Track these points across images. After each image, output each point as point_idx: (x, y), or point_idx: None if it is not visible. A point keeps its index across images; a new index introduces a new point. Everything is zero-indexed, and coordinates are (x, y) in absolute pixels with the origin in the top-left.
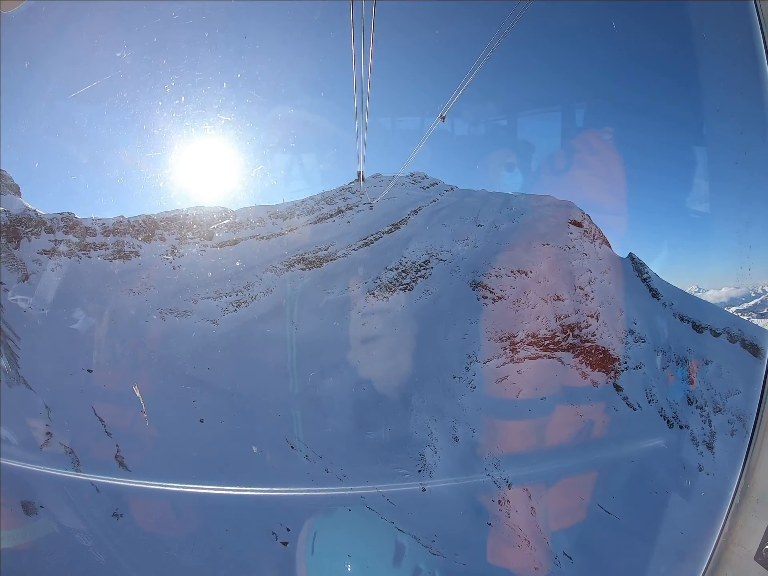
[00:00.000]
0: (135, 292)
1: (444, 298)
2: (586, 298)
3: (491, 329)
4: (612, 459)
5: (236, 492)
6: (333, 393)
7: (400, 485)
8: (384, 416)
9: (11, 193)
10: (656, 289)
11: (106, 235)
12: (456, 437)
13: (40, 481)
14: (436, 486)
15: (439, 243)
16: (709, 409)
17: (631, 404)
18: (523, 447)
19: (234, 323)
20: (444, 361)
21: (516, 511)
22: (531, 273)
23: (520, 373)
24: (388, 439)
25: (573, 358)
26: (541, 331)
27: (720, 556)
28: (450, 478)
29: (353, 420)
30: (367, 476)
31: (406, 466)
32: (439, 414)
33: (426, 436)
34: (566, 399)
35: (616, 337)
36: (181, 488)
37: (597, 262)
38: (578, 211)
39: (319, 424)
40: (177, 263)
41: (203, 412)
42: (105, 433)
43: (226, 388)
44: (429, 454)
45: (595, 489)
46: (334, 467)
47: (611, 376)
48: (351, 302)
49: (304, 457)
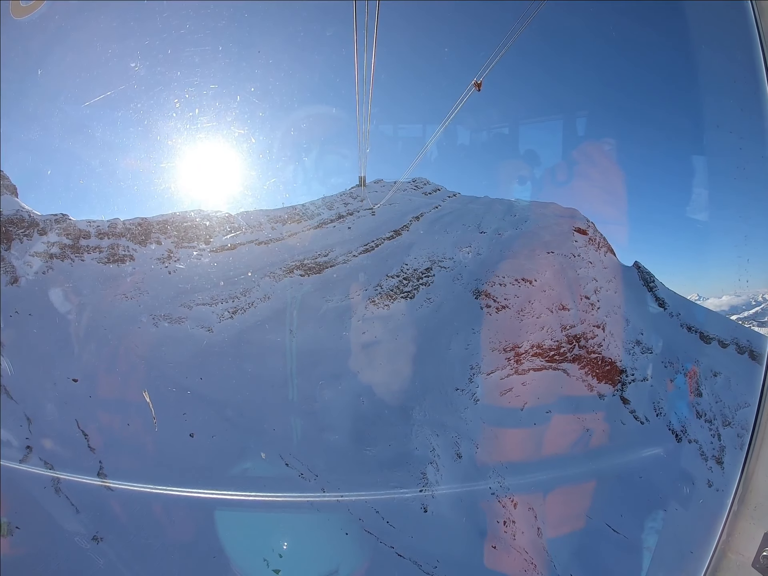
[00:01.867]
0: (128, 297)
1: (446, 306)
2: (592, 308)
3: (495, 339)
4: (619, 475)
5: (226, 511)
6: (331, 405)
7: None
8: (384, 431)
9: (8, 194)
10: (662, 298)
11: (100, 237)
12: (459, 453)
13: (17, 500)
14: (438, 507)
15: (442, 250)
16: (718, 423)
17: (638, 417)
18: (528, 464)
19: (230, 331)
20: (446, 373)
21: (522, 533)
22: (535, 281)
23: (524, 385)
24: (388, 456)
25: (579, 369)
26: (546, 342)
27: (718, 564)
28: (452, 498)
29: (352, 435)
30: (366, 497)
31: (407, 485)
32: (441, 429)
33: (428, 453)
34: (572, 412)
35: (622, 348)
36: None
37: (602, 271)
38: (583, 219)
39: (316, 440)
40: (173, 268)
41: (194, 425)
42: (88, 449)
43: (219, 400)
44: (431, 472)
45: (602, 507)
46: (331, 487)
47: (618, 389)
48: (351, 310)
49: (299, 476)
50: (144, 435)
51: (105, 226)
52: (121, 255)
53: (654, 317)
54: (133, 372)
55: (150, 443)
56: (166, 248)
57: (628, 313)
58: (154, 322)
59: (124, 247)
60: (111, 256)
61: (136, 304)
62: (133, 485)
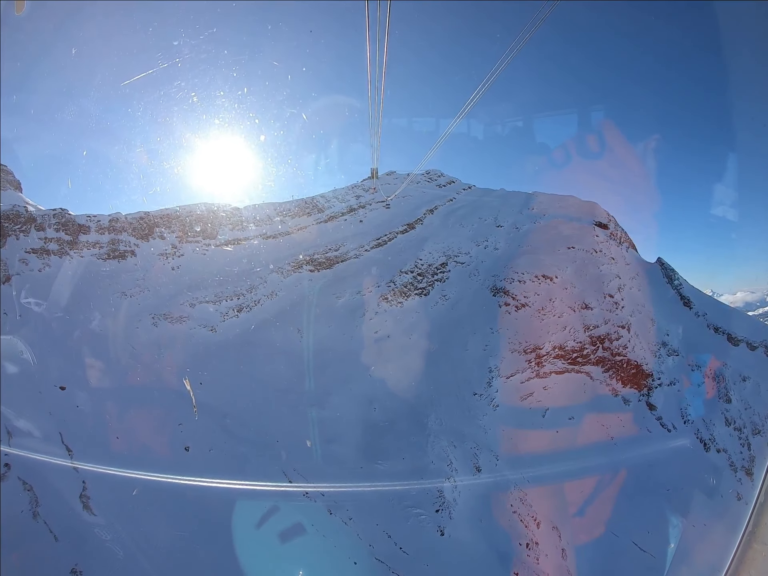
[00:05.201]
0: (127, 296)
1: (462, 304)
2: (616, 307)
3: (514, 340)
4: (645, 487)
5: (220, 539)
6: (339, 414)
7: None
8: (397, 443)
9: (11, 189)
10: (688, 297)
11: (101, 232)
12: (478, 467)
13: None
14: (456, 529)
15: (457, 244)
16: (747, 431)
17: (665, 425)
18: (550, 477)
19: (234, 330)
20: (463, 376)
21: (545, 555)
22: (556, 278)
23: (546, 390)
24: (401, 472)
25: (602, 372)
26: (569, 343)
27: (743, 555)
28: (471, 518)
29: (362, 447)
30: (377, 518)
31: (422, 505)
32: (458, 439)
33: (445, 467)
34: (596, 419)
35: (648, 350)
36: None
37: (625, 267)
38: (603, 212)
39: (323, 453)
40: (176, 264)
41: (190, 437)
42: (71, 466)
43: (219, 408)
44: (448, 489)
45: (627, 523)
46: (338, 508)
47: (644, 393)
48: (362, 308)
49: (304, 495)
50: (134, 450)
51: (106, 221)
52: (122, 251)
53: (679, 317)
54: (127, 377)
55: (140, 459)
56: (170, 243)
57: (653, 313)
58: (153, 322)
59: (126, 243)
60: (111, 252)
61: (136, 303)
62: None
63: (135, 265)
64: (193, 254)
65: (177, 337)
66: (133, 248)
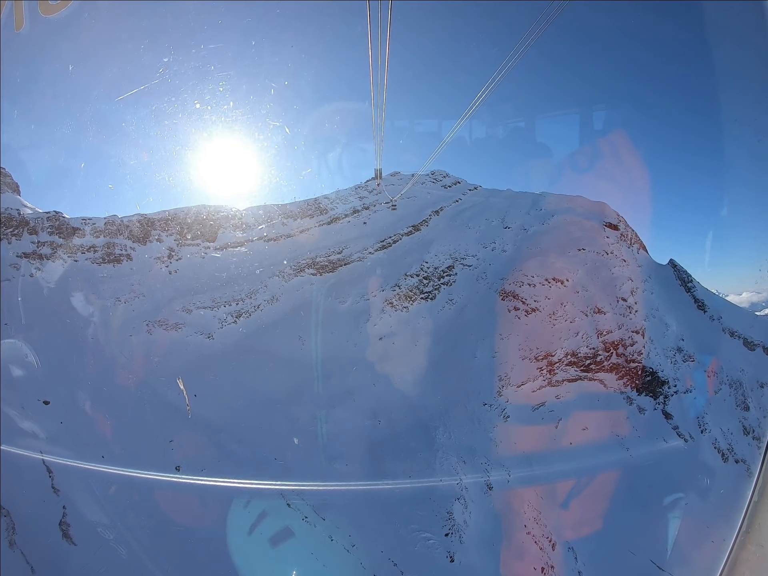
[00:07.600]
0: (122, 301)
1: (470, 308)
2: (630, 311)
3: (525, 346)
4: (663, 503)
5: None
6: (342, 428)
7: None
8: (403, 459)
9: (9, 192)
10: (702, 300)
11: (96, 236)
12: (489, 485)
13: None
14: (466, 555)
15: (464, 247)
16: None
17: (682, 435)
18: (565, 492)
19: (232, 337)
20: (472, 385)
21: None
22: (567, 282)
23: (558, 399)
24: (408, 492)
25: (617, 380)
26: (582, 349)
27: (738, 556)
28: (483, 541)
29: (366, 465)
30: (382, 544)
31: (430, 528)
32: (468, 454)
33: (454, 486)
34: (610, 430)
35: (663, 356)
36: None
37: (637, 270)
38: (613, 213)
39: (324, 473)
40: (173, 267)
41: (181, 456)
42: (51, 489)
43: (214, 423)
44: (458, 510)
45: (646, 541)
46: (340, 534)
47: (660, 402)
48: (367, 313)
49: (303, 519)
50: (119, 471)
51: (101, 224)
52: (118, 254)
53: (694, 321)
54: (116, 390)
55: (126, 482)
56: (167, 246)
57: (667, 317)
58: (147, 329)
59: (121, 246)
60: (106, 256)
61: (130, 309)
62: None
63: (131, 269)
64: (192, 258)
65: (172, 346)
66: (129, 252)
